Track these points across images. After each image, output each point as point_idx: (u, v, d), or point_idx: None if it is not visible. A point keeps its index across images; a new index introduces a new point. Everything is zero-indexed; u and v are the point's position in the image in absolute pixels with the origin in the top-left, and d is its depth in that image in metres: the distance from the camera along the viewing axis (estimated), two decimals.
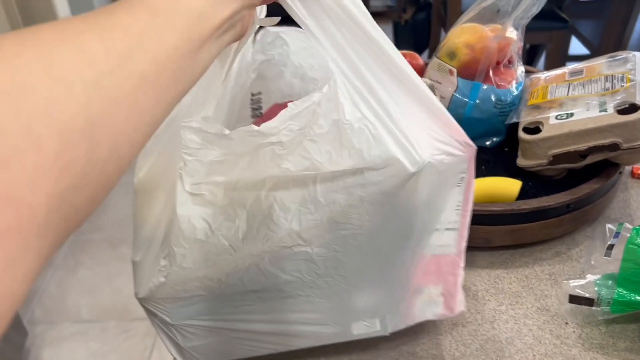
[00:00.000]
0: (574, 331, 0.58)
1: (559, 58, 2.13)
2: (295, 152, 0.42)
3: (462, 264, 0.53)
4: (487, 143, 0.81)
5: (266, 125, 0.42)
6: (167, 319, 0.51)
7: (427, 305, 0.54)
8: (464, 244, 0.52)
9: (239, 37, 0.38)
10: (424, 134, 0.44)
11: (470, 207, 0.50)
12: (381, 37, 0.43)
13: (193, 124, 0.43)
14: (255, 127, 0.42)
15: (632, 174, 0.79)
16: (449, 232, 0.50)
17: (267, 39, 0.59)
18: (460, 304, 0.54)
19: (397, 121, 0.43)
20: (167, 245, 0.46)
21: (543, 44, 2.25)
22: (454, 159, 0.45)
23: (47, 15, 1.94)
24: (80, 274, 1.85)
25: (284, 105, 0.62)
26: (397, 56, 0.44)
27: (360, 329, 0.53)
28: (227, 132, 0.42)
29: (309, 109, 0.42)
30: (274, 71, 0.59)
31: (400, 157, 0.42)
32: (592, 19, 2.26)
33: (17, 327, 1.49)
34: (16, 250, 0.21)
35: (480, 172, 0.75)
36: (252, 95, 0.60)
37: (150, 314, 0.51)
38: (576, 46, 2.34)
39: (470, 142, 0.46)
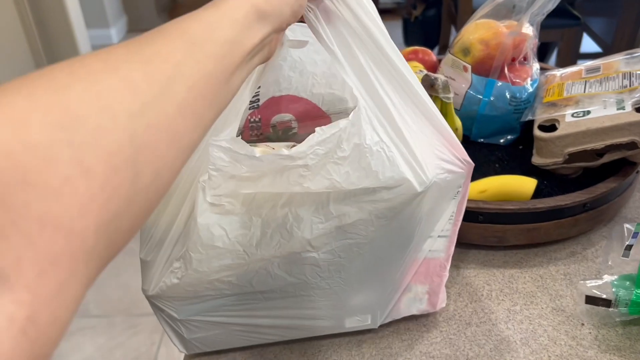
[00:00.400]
0: (590, 332, 0.57)
1: (571, 56, 2.11)
2: (318, 173, 0.45)
3: (448, 266, 0.56)
4: (501, 141, 0.80)
5: (295, 150, 0.44)
6: (175, 314, 0.52)
7: (413, 302, 0.57)
8: (452, 249, 0.55)
9: (267, 58, 0.39)
10: (430, 153, 0.48)
11: (461, 217, 0.54)
12: (398, 58, 0.46)
13: (223, 144, 0.44)
14: (286, 152, 0.44)
15: None
16: (441, 239, 0.54)
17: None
18: (442, 302, 0.58)
19: (409, 143, 0.46)
20: (181, 248, 0.47)
21: (554, 41, 2.23)
22: (455, 175, 0.49)
23: (58, 14, 1.94)
24: None
25: (280, 98, 0.62)
26: (411, 77, 0.47)
27: (353, 323, 0.56)
28: (257, 154, 0.44)
29: (335, 135, 0.44)
30: (272, 64, 0.59)
31: (410, 178, 0.45)
32: (604, 16, 2.23)
33: None
34: (66, 277, 0.21)
35: (494, 170, 0.75)
36: None
37: (157, 309, 0.53)
38: (588, 44, 2.32)
39: (469, 160, 0.49)
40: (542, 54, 2.43)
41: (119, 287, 1.76)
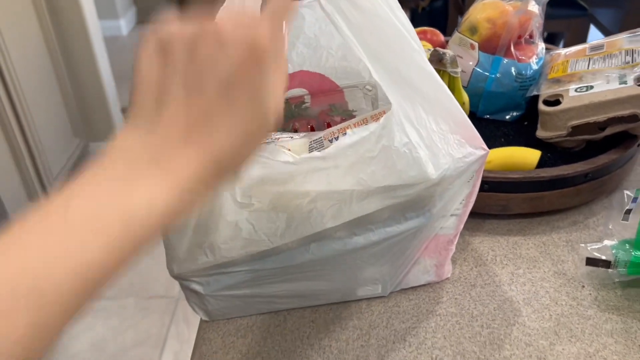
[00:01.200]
0: (590, 294, 0.59)
1: None
2: (346, 173, 0.47)
3: (455, 241, 0.59)
4: (507, 117, 0.82)
5: (326, 152, 0.47)
6: (200, 290, 0.56)
7: (421, 273, 0.60)
8: (461, 227, 0.58)
9: None
10: (448, 140, 0.50)
11: (473, 198, 0.56)
12: (423, 55, 0.48)
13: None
14: (319, 154, 0.47)
15: None
16: (452, 217, 0.57)
17: None
18: (447, 272, 0.62)
19: (434, 139, 0.48)
20: (204, 236, 0.50)
21: (561, 32, 2.24)
22: (471, 164, 0.51)
23: (71, 3, 1.97)
24: None
25: (293, 75, 0.64)
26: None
27: (364, 292, 0.59)
28: (291, 159, 0.47)
29: (365, 138, 0.47)
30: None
31: (430, 171, 0.48)
32: (610, 7, 2.24)
33: None
34: None
35: (500, 145, 0.77)
36: None
37: (182, 285, 0.56)
38: (595, 35, 2.33)
39: (485, 147, 0.52)
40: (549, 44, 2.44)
41: (130, 271, 1.79)
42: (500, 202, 0.67)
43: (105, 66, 2.15)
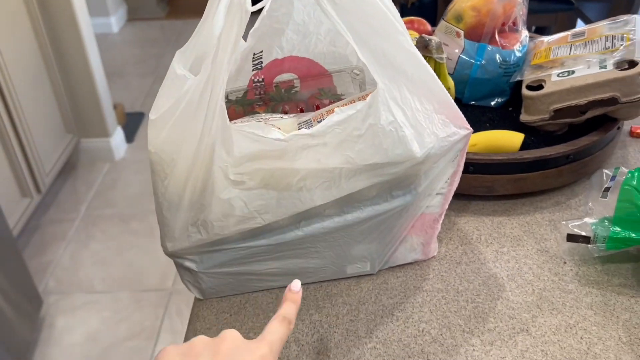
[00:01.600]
0: (571, 269, 0.61)
1: None
2: (335, 151, 0.49)
3: (441, 220, 0.61)
4: (492, 103, 0.84)
5: (315, 129, 0.49)
6: (193, 267, 0.57)
7: (408, 251, 0.62)
8: (446, 206, 0.60)
9: None
10: (433, 120, 0.52)
11: (458, 177, 0.59)
12: (408, 37, 0.50)
13: (247, 129, 0.48)
14: (308, 131, 0.49)
15: (631, 133, 0.82)
16: (438, 196, 0.59)
17: (275, 4, 0.62)
18: (433, 250, 0.64)
19: (418, 119, 0.50)
20: (197, 214, 0.52)
21: (548, 26, 2.26)
22: (455, 143, 0.53)
23: (65, 11, 1.98)
24: (92, 247, 1.89)
25: (282, 60, 0.65)
26: (418, 54, 0.50)
27: (353, 270, 0.61)
28: (281, 136, 0.48)
29: (352, 116, 0.49)
30: (276, 29, 0.63)
31: (416, 151, 0.50)
32: (597, 1, 2.27)
33: (32, 297, 1.53)
34: None
35: (485, 130, 0.79)
36: (255, 54, 0.64)
37: (177, 263, 0.58)
38: None
39: (469, 126, 0.54)
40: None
41: (123, 265, 1.80)
42: (486, 184, 0.69)
43: (96, 63, 2.16)
